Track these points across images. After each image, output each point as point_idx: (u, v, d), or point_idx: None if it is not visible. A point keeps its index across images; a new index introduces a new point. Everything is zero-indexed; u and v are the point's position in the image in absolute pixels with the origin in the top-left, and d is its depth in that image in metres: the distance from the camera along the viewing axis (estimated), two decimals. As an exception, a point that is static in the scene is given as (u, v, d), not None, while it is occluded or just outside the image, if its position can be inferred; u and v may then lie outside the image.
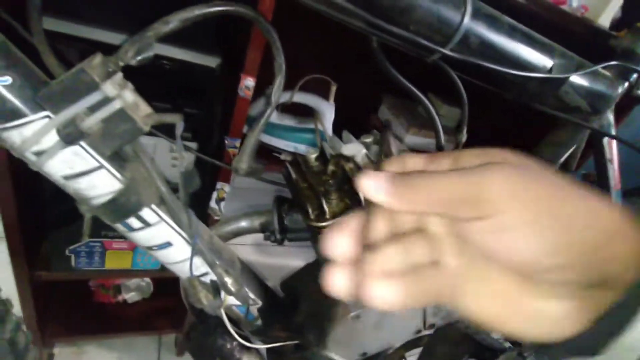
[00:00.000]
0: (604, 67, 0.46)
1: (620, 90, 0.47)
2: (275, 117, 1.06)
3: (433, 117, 0.45)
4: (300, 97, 1.03)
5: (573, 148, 0.55)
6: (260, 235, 0.49)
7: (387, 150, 0.43)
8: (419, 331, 0.48)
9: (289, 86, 1.00)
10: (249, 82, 0.53)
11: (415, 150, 1.06)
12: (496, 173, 0.19)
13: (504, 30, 0.37)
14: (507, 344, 0.71)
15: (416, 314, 0.47)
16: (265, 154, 1.03)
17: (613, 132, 0.51)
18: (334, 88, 1.08)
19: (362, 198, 0.37)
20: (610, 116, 0.51)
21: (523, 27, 0.39)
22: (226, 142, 0.59)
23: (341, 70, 1.01)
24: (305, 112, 1.09)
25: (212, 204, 0.68)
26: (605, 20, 0.71)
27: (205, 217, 0.70)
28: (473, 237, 0.19)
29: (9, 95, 0.27)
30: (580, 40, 0.63)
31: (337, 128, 1.06)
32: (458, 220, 0.20)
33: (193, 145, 0.61)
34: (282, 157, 1.04)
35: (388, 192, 0.20)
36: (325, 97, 1.09)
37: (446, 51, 0.35)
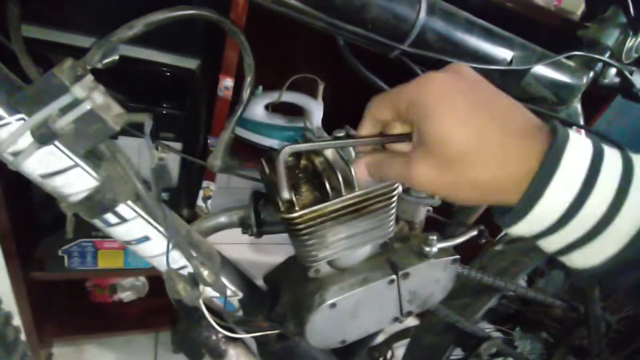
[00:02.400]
0: (567, 57, 0.47)
1: (585, 79, 0.49)
2: (265, 117, 1.08)
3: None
4: (289, 97, 1.05)
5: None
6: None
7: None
8: (396, 318, 0.50)
9: (277, 86, 1.02)
10: (227, 83, 0.55)
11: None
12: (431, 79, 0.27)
13: (461, 25, 0.39)
14: (492, 333, 0.73)
15: (392, 302, 0.49)
16: (256, 153, 1.05)
17: (581, 122, 0.52)
18: (321, 86, 1.10)
19: (329, 190, 0.38)
20: (578, 105, 0.52)
21: (481, 21, 0.40)
22: (209, 141, 0.61)
23: (329, 68, 1.02)
24: (295, 111, 1.11)
25: (199, 202, 0.70)
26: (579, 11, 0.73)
27: (194, 215, 0.72)
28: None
29: (-16, 100, 0.29)
30: (554, 32, 0.65)
31: (331, 126, 1.08)
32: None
33: (178, 145, 0.63)
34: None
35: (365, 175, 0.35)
36: (314, 95, 1.10)
37: (404, 47, 0.37)
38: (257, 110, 1.04)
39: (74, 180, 0.33)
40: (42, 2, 0.52)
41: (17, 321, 0.68)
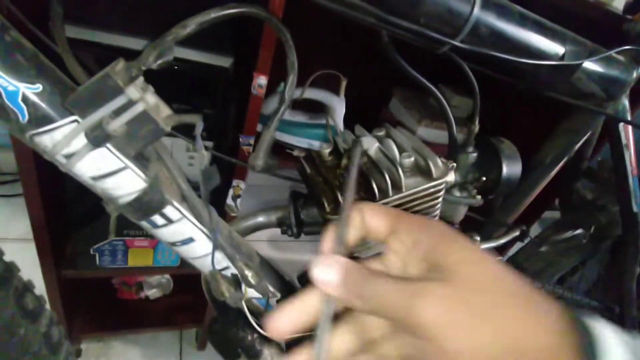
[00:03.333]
0: (617, 52, 0.45)
1: (635, 74, 0.47)
2: (286, 114, 1.06)
3: (445, 109, 0.46)
4: (310, 93, 1.04)
5: (588, 135, 0.54)
6: (275, 231, 0.50)
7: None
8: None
9: (299, 82, 1.01)
10: (261, 81, 0.54)
11: (427, 143, 1.06)
12: (428, 299, 0.19)
13: (514, 19, 0.37)
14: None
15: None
16: (277, 150, 1.04)
17: (629, 118, 0.50)
18: (344, 83, 1.08)
19: (375, 191, 0.38)
20: (626, 101, 0.50)
21: (534, 15, 0.39)
22: (241, 139, 0.61)
23: (351, 64, 1.01)
24: (316, 108, 1.10)
25: (229, 201, 0.69)
26: (620, 3, 0.70)
27: (223, 214, 0.72)
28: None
29: (40, 102, 0.29)
30: (593, 25, 0.63)
31: (349, 122, 1.06)
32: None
33: (209, 144, 0.63)
34: (295, 153, 1.05)
35: (337, 288, 0.21)
36: (336, 91, 1.09)
37: (456, 43, 0.35)
38: (288, 102, 1.04)
39: (124, 182, 0.33)
40: (78, 1, 0.52)
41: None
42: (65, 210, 0.75)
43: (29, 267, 0.71)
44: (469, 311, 0.19)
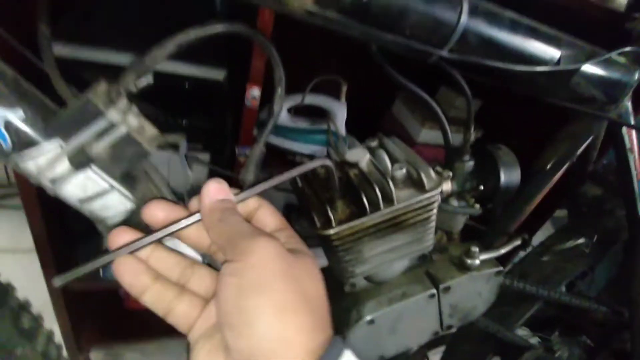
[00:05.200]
0: (618, 54, 0.44)
1: (636, 76, 0.45)
2: (288, 120, 1.07)
3: (439, 117, 0.45)
4: (311, 99, 1.04)
5: (591, 139, 0.53)
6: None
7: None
8: (435, 333, 0.48)
9: (299, 88, 1.01)
10: (255, 92, 0.54)
11: (431, 145, 1.04)
12: (268, 242, 0.24)
13: (505, 25, 0.36)
14: (533, 342, 0.70)
15: (432, 317, 0.47)
16: (280, 157, 1.04)
17: (632, 121, 0.48)
18: (344, 87, 1.08)
19: (366, 205, 0.37)
20: (628, 104, 0.48)
21: (526, 20, 0.38)
22: (237, 151, 0.60)
23: (352, 68, 1.00)
24: (318, 113, 1.09)
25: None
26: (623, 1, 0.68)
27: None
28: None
29: (22, 127, 0.29)
30: (594, 24, 0.61)
31: (352, 126, 1.06)
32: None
33: (206, 156, 0.63)
34: (298, 160, 1.04)
35: (215, 202, 0.26)
36: (337, 96, 1.08)
37: (444, 53, 0.34)
38: (280, 114, 1.03)
39: (111, 203, 0.33)
40: (68, 19, 0.53)
41: (56, 329, 0.70)
42: (67, 223, 0.76)
43: (40, 277, 0.72)
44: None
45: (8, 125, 0.28)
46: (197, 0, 0.89)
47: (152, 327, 1.01)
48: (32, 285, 0.65)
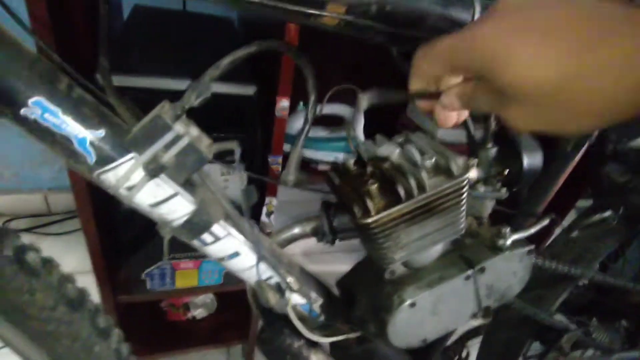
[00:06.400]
0: None
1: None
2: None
3: (460, 110, 0.48)
4: (329, 109, 1.08)
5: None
6: (309, 244, 0.53)
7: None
8: (474, 314, 0.50)
9: (317, 100, 1.05)
10: (284, 104, 0.59)
11: (448, 143, 1.07)
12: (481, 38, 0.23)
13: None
14: (571, 324, 0.71)
15: (470, 298, 0.49)
16: (303, 166, 1.08)
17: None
18: (360, 95, 1.12)
19: (401, 193, 0.40)
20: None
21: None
22: (269, 159, 0.65)
23: (365, 76, 1.05)
24: (336, 122, 1.13)
25: (264, 218, 0.73)
26: None
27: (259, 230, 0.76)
28: None
29: (103, 145, 0.34)
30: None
31: (370, 132, 1.09)
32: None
33: (241, 165, 0.67)
34: (320, 168, 1.09)
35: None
36: (353, 104, 1.13)
37: (462, 49, 0.38)
38: (300, 125, 1.08)
39: (176, 207, 0.38)
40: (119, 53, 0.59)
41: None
42: (117, 238, 0.82)
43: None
44: (523, 37, 0.20)
45: (92, 144, 0.33)
46: (216, 23, 0.95)
47: (192, 337, 1.05)
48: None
